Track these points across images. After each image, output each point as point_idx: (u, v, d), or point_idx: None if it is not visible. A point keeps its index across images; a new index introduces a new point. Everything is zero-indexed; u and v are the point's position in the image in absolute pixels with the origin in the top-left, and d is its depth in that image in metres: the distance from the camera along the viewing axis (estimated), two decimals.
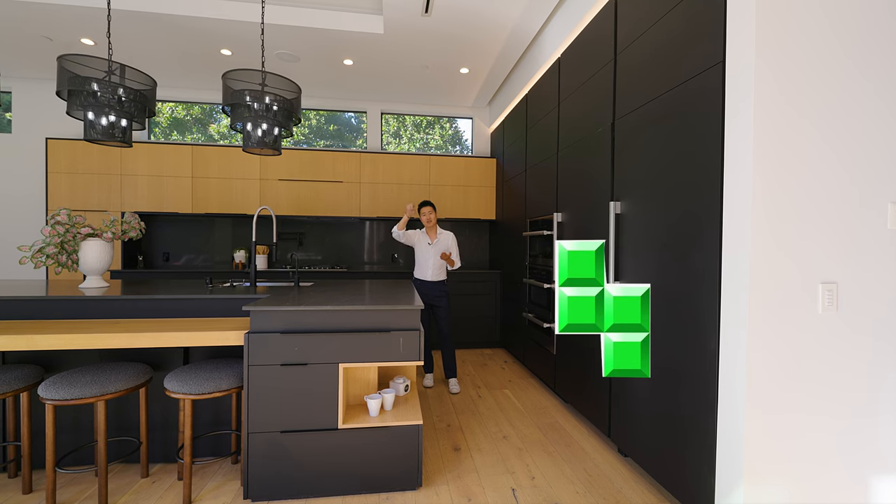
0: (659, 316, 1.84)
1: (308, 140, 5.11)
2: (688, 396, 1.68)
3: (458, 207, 4.83)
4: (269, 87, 2.39)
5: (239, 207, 4.42)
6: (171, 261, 4.62)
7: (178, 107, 4.86)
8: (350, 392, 2.12)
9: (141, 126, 2.37)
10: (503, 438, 2.46)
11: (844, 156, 1.45)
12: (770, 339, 1.41)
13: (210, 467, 2.09)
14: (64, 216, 2.38)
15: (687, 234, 1.69)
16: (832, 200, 1.44)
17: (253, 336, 1.79)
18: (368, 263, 4.98)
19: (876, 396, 1.50)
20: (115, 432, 2.10)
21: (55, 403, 1.65)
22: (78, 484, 1.94)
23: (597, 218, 2.40)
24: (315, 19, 3.30)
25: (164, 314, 2.11)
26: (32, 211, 4.37)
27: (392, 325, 1.91)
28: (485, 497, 1.89)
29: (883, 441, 1.51)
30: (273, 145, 2.51)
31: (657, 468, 1.88)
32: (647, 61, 1.97)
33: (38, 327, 1.81)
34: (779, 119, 1.40)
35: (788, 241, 1.41)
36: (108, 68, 2.15)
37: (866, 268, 1.47)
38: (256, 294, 2.26)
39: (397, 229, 3.24)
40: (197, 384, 1.78)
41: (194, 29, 3.36)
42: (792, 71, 1.40)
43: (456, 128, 5.40)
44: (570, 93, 2.82)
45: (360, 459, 1.88)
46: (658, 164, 1.87)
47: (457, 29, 3.34)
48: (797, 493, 1.46)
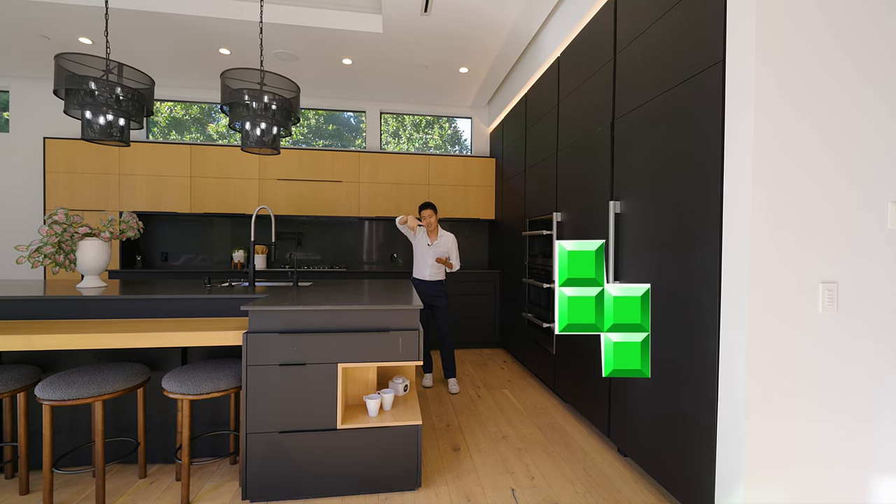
0: (659, 316, 1.84)
1: (307, 140, 5.10)
2: (688, 396, 1.68)
3: (458, 207, 4.82)
4: (268, 87, 2.38)
5: (237, 207, 4.41)
6: (170, 261, 4.61)
7: (176, 106, 4.85)
8: (349, 392, 2.11)
9: (139, 125, 2.36)
10: (503, 438, 2.45)
11: (844, 156, 1.45)
12: (770, 339, 1.40)
13: (208, 468, 2.08)
14: (61, 216, 2.37)
15: (687, 234, 1.69)
16: (832, 200, 1.44)
17: (251, 336, 1.78)
18: (367, 263, 4.98)
19: (876, 400, 1.50)
20: (113, 433, 2.09)
21: (52, 404, 1.64)
22: (75, 485, 1.93)
23: (596, 217, 2.40)
24: (314, 18, 3.30)
25: (162, 314, 2.10)
26: (30, 210, 4.36)
27: (391, 325, 1.91)
28: (484, 497, 1.88)
29: (884, 442, 1.51)
30: (272, 145, 2.50)
31: (657, 468, 1.88)
32: (646, 60, 1.97)
33: (35, 327, 1.80)
34: (779, 119, 1.39)
35: (789, 240, 1.41)
36: (105, 67, 2.14)
37: (867, 267, 1.47)
38: (255, 294, 2.25)
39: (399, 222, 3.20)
40: (195, 384, 1.77)
41: (193, 28, 3.35)
42: (792, 72, 1.40)
43: (455, 127, 5.40)
44: (569, 92, 2.82)
45: (359, 460, 1.87)
46: (658, 163, 1.87)
47: (456, 28, 3.33)
48: (797, 493, 1.46)
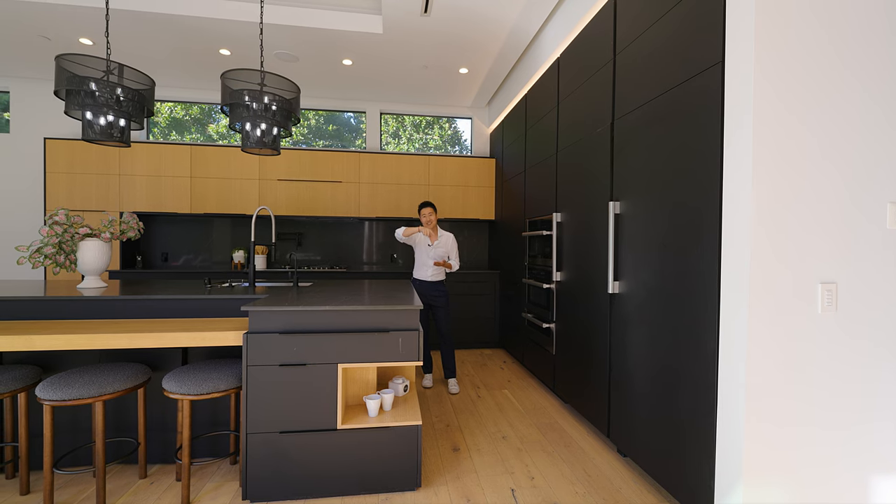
0: (658, 315, 1.85)
1: (307, 140, 5.11)
2: (687, 396, 1.68)
3: (458, 207, 4.83)
4: (268, 87, 2.39)
5: (238, 207, 4.41)
6: (170, 261, 4.62)
7: (176, 107, 4.85)
8: (349, 392, 2.11)
9: (139, 126, 2.37)
10: (502, 439, 2.45)
11: (843, 156, 1.45)
12: (769, 339, 1.41)
13: (208, 468, 2.09)
14: (62, 216, 2.37)
15: (686, 234, 1.69)
16: (831, 200, 1.44)
17: (252, 336, 1.78)
18: (367, 263, 4.98)
19: (874, 402, 1.50)
20: (114, 433, 2.09)
21: (53, 404, 1.65)
22: (76, 485, 1.94)
23: (596, 218, 2.40)
24: (314, 19, 3.30)
25: (162, 314, 2.11)
26: (30, 211, 4.36)
27: (391, 326, 1.91)
28: (484, 497, 1.88)
29: (883, 442, 1.51)
30: (272, 145, 2.51)
31: (657, 468, 1.88)
32: (646, 61, 1.97)
33: (35, 327, 1.81)
34: (778, 121, 1.40)
35: (788, 240, 1.41)
36: (106, 68, 2.14)
37: (866, 267, 1.47)
38: (255, 294, 2.26)
39: (402, 235, 3.22)
40: (195, 384, 1.77)
41: (193, 28, 3.35)
42: (790, 73, 1.40)
43: (455, 128, 5.40)
44: (569, 93, 2.82)
45: (359, 460, 1.87)
46: (657, 163, 1.87)
47: (456, 29, 3.34)
48: (797, 493, 1.46)
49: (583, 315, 2.58)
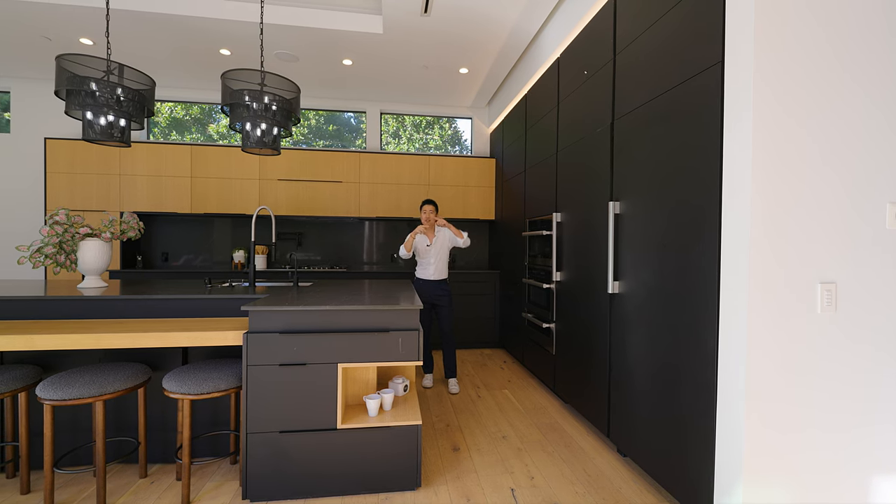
0: (658, 315, 1.85)
1: (307, 140, 5.11)
2: (687, 396, 1.68)
3: (458, 207, 4.83)
4: (269, 87, 2.39)
5: (238, 207, 4.42)
6: (170, 261, 4.62)
7: (177, 107, 4.86)
8: (349, 392, 2.11)
9: (140, 126, 2.37)
10: (502, 438, 2.45)
11: (842, 156, 1.45)
12: (769, 338, 1.41)
13: (209, 467, 2.09)
14: (62, 216, 2.38)
15: (686, 234, 1.69)
16: (830, 200, 1.44)
17: (252, 336, 1.79)
18: (368, 263, 4.98)
19: (874, 406, 1.50)
20: (114, 432, 2.09)
21: (53, 404, 1.65)
22: (76, 484, 1.94)
23: (596, 218, 2.40)
24: (314, 19, 3.30)
25: (162, 314, 2.11)
26: (31, 211, 4.36)
27: (391, 325, 1.91)
28: (484, 497, 1.88)
29: (883, 442, 1.51)
30: (272, 145, 2.51)
31: (656, 468, 1.88)
32: (646, 61, 1.97)
33: (36, 327, 1.81)
34: (777, 121, 1.40)
35: (787, 240, 1.41)
36: (106, 68, 2.14)
37: (866, 267, 1.47)
38: (255, 294, 2.26)
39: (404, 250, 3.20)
40: (196, 384, 1.77)
41: (193, 28, 3.36)
42: (790, 74, 1.40)
43: (455, 128, 5.40)
44: (569, 93, 2.82)
45: (359, 459, 1.87)
46: (657, 163, 1.87)
47: (456, 29, 3.34)
48: (797, 493, 1.46)
49: (583, 315, 2.58)
